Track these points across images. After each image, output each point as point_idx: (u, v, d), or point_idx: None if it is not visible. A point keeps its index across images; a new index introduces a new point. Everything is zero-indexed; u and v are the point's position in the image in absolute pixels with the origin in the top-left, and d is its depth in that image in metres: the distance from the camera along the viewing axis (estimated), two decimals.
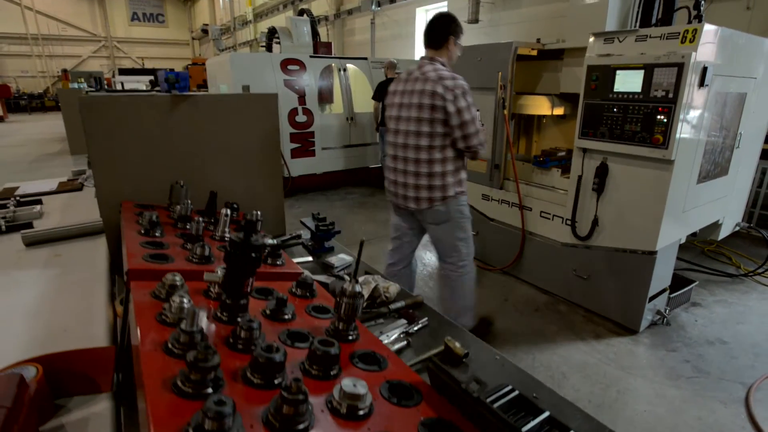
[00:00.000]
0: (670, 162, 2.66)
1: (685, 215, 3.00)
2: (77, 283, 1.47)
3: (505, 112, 3.55)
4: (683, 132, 2.62)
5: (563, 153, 3.69)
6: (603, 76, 2.88)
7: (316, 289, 1.12)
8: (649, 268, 2.90)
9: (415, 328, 1.29)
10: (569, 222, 3.29)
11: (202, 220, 1.29)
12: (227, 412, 0.53)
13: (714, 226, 3.55)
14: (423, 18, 10.95)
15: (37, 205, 2.24)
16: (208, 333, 0.82)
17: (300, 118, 6.53)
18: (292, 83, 6.41)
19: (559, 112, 3.71)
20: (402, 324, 1.30)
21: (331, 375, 0.76)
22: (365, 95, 7.07)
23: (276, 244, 1.27)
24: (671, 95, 2.57)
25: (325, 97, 7.79)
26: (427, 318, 1.34)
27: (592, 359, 2.81)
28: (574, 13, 3.38)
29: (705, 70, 2.55)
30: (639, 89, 2.71)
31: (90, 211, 2.01)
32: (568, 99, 3.67)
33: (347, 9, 12.84)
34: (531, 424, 0.70)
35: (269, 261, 1.26)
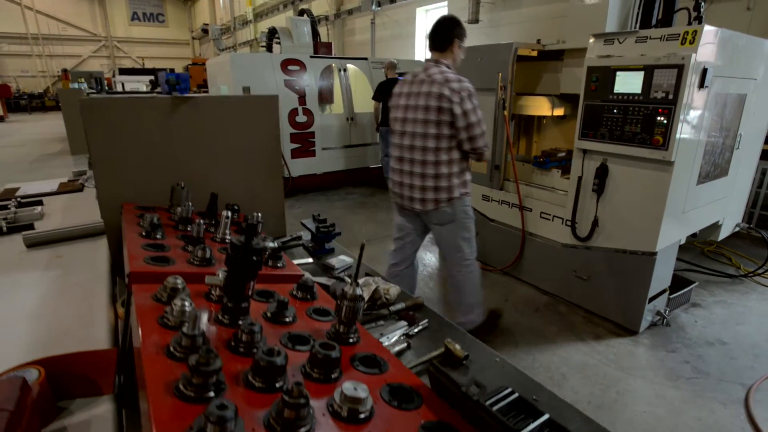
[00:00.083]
0: (670, 163, 2.66)
1: (685, 216, 3.01)
2: (78, 285, 1.47)
3: (505, 112, 3.55)
4: (683, 133, 2.63)
5: (563, 154, 3.69)
6: (603, 77, 2.89)
7: (316, 292, 1.13)
8: (649, 269, 2.91)
9: (416, 329, 1.29)
10: (569, 223, 3.29)
11: (203, 222, 1.29)
12: (229, 416, 0.54)
13: (714, 226, 3.56)
14: (423, 18, 10.96)
15: (38, 206, 2.23)
16: (209, 334, 0.82)
17: (300, 118, 6.53)
18: (292, 83, 6.41)
19: (560, 112, 3.71)
20: (402, 326, 1.30)
21: (332, 378, 0.76)
22: (365, 95, 7.08)
23: (277, 246, 1.28)
24: (671, 97, 2.57)
25: (326, 98, 7.79)
26: (428, 320, 1.35)
27: (591, 360, 2.81)
28: (574, 14, 3.39)
29: (705, 71, 2.56)
30: (639, 90, 2.71)
31: (91, 212, 2.01)
32: (568, 100, 3.68)
33: (347, 9, 12.85)
34: (530, 426, 0.71)
35: (270, 263, 1.27)
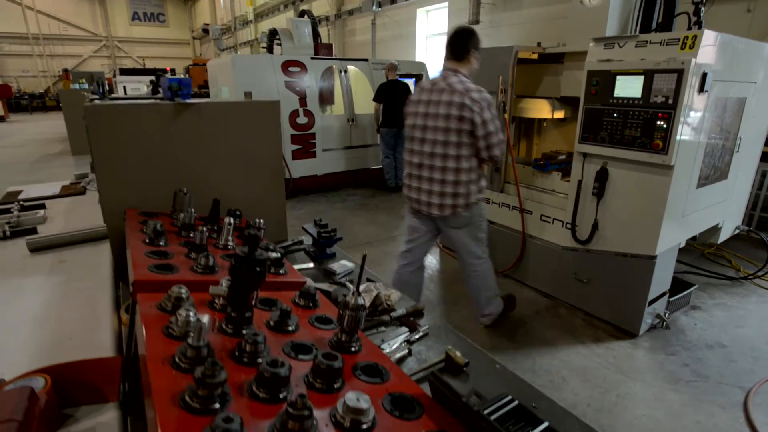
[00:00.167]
0: (669, 167, 2.67)
1: (685, 219, 3.01)
2: (82, 290, 1.48)
3: (506, 115, 3.56)
4: (683, 137, 2.64)
5: (563, 156, 3.70)
6: (603, 81, 2.90)
7: (318, 300, 1.14)
8: (649, 272, 2.92)
9: (417, 336, 1.31)
10: (569, 226, 3.30)
11: (205, 229, 1.30)
12: (235, 429, 0.55)
13: (714, 229, 3.56)
14: (424, 19, 10.97)
15: (41, 210, 2.24)
16: (211, 342, 0.83)
17: (301, 119, 6.54)
18: (293, 85, 6.42)
19: (560, 115, 3.72)
20: (404, 332, 1.31)
21: (335, 388, 0.77)
22: (366, 96, 7.09)
23: (279, 256, 1.29)
24: (671, 101, 2.58)
25: (326, 99, 7.80)
26: (428, 326, 1.36)
27: (591, 363, 2.82)
28: (574, 17, 3.39)
29: (705, 75, 2.57)
30: (639, 95, 2.72)
31: (93, 216, 2.01)
32: (568, 102, 3.68)
33: (348, 9, 12.86)
34: None
35: (272, 270, 1.28)
